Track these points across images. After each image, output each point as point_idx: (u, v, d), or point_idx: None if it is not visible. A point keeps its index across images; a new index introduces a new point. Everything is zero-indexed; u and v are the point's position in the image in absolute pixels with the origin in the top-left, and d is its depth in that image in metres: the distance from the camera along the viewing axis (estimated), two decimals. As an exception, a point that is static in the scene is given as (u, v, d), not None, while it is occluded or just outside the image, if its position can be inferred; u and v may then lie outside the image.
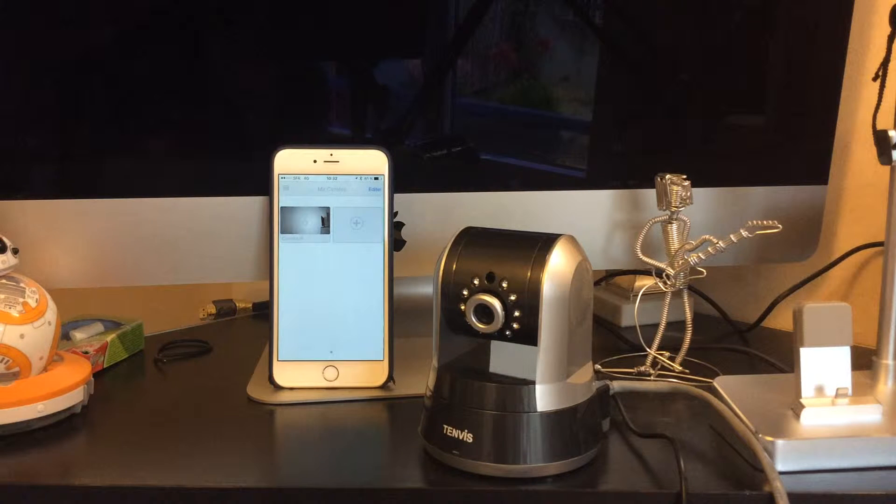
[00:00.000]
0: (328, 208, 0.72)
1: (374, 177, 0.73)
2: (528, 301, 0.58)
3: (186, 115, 0.76)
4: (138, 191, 0.75)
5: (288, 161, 0.73)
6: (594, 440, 0.61)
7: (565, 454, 0.59)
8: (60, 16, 0.72)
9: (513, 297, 0.58)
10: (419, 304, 0.88)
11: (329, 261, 0.73)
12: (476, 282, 0.59)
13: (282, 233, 0.72)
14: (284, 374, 0.72)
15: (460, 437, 0.59)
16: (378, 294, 0.73)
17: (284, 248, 0.72)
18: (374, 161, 0.73)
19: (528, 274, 0.58)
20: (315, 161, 0.73)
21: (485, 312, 0.59)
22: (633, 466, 0.61)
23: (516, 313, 0.58)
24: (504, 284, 0.58)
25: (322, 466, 0.61)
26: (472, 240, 0.62)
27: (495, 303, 0.58)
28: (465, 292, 0.60)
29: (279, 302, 0.72)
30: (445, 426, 0.60)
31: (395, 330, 0.73)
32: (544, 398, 0.58)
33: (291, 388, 0.72)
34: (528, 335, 0.58)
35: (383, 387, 0.72)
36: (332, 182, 0.73)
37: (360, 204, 0.73)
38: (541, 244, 0.59)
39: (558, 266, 0.58)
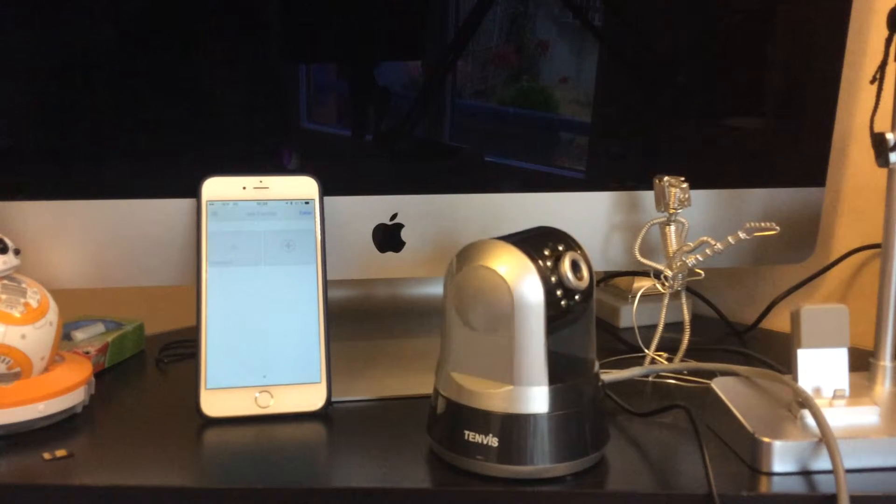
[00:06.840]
0: (259, 232, 0.71)
1: (304, 201, 0.72)
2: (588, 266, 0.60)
3: (187, 116, 0.77)
4: (139, 191, 0.75)
5: (216, 188, 0.72)
6: (602, 440, 0.61)
7: (577, 454, 0.59)
8: (59, 14, 0.72)
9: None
10: (419, 305, 0.88)
11: (260, 284, 0.71)
12: (547, 251, 0.59)
13: (210, 258, 0.71)
14: (214, 404, 0.68)
15: (484, 442, 0.58)
16: (313, 315, 0.71)
17: (213, 272, 0.70)
18: (305, 187, 0.73)
19: (578, 250, 0.60)
20: (244, 188, 0.72)
21: (577, 267, 0.59)
22: (639, 466, 0.61)
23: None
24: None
25: (325, 467, 0.62)
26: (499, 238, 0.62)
27: (580, 258, 0.60)
28: (548, 251, 0.59)
29: (207, 328, 0.69)
30: (466, 431, 0.59)
31: (396, 330, 0.73)
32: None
33: (221, 418, 0.68)
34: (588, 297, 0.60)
35: (322, 410, 0.69)
36: (263, 207, 0.72)
37: (292, 227, 0.72)
38: (561, 236, 0.61)
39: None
